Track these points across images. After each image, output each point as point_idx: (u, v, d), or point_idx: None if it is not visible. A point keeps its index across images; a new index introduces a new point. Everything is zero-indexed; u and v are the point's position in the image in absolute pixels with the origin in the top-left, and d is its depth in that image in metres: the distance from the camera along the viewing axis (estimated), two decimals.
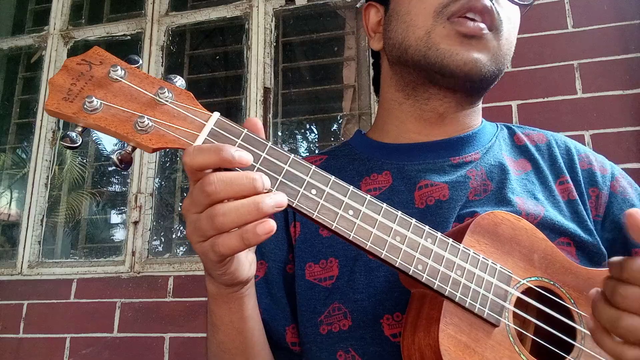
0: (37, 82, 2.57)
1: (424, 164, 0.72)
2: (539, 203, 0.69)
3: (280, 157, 0.49)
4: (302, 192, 0.49)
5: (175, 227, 2.92)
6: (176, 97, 0.50)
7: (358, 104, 2.38)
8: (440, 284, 0.52)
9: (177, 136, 0.48)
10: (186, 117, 0.49)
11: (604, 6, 1.81)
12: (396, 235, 0.52)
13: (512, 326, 0.54)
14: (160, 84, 0.50)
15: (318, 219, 0.49)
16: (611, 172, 0.75)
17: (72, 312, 2.15)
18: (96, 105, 0.47)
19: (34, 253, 2.34)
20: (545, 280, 0.58)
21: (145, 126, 0.47)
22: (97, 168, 3.59)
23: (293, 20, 2.60)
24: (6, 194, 3.50)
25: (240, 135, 0.49)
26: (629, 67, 1.74)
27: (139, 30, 2.52)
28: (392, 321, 0.62)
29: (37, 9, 2.99)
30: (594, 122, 1.72)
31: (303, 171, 0.50)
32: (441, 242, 0.54)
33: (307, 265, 0.69)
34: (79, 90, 0.48)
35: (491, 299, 0.54)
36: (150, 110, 0.48)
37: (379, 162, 0.74)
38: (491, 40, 0.67)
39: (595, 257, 0.66)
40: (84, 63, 0.49)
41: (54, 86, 0.48)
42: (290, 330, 0.70)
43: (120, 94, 0.48)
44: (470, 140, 0.74)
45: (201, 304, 2.04)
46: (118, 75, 0.49)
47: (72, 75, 0.48)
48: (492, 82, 0.71)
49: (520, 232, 0.60)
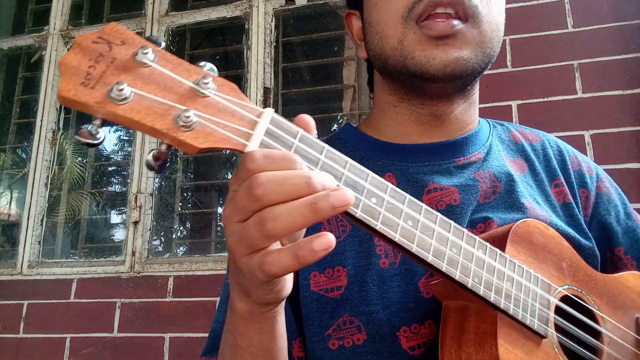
0: (37, 82, 2.57)
1: (429, 165, 0.68)
2: (542, 207, 0.69)
3: (338, 160, 0.43)
4: (364, 200, 0.43)
5: (175, 227, 2.92)
6: (219, 88, 0.41)
7: (358, 104, 2.38)
8: (496, 296, 0.50)
9: (228, 134, 0.40)
10: (234, 112, 0.40)
11: (604, 6, 1.81)
12: (453, 246, 0.48)
13: (556, 336, 0.54)
14: (198, 71, 0.41)
15: (381, 230, 0.44)
16: (596, 173, 0.75)
17: (72, 312, 2.15)
18: (126, 94, 0.37)
19: (34, 253, 2.34)
20: (574, 288, 0.59)
21: (188, 121, 0.38)
22: (97, 168, 3.59)
23: (293, 20, 2.61)
24: (6, 194, 3.50)
25: (297, 136, 0.42)
26: (629, 67, 1.74)
27: (139, 30, 2.52)
28: (409, 333, 0.59)
29: (37, 9, 2.99)
30: (594, 122, 1.72)
31: (362, 175, 0.44)
32: (491, 252, 0.51)
33: (311, 274, 0.64)
34: (101, 74, 0.38)
35: (538, 309, 0.53)
36: (192, 103, 0.39)
37: (379, 162, 0.70)
38: (469, 31, 0.62)
39: (590, 259, 0.66)
40: (101, 42, 0.39)
41: (67, 67, 0.37)
42: (297, 345, 0.65)
43: (152, 82, 0.39)
44: (471, 139, 0.72)
45: (201, 304, 2.04)
46: (148, 58, 0.39)
47: (88, 56, 0.38)
48: (483, 71, 0.67)
49: (549, 240, 0.59)
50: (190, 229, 5.13)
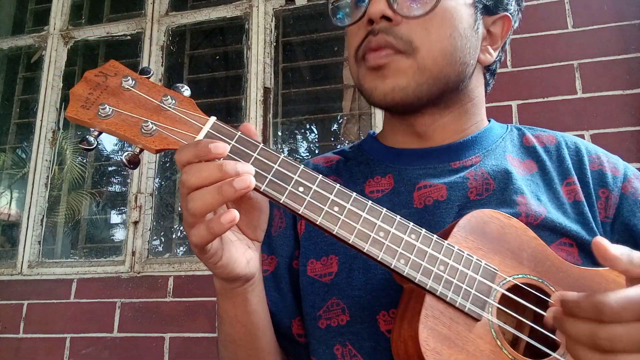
0: (37, 82, 2.57)
1: (425, 168, 0.74)
2: (542, 204, 0.69)
3: (271, 157, 0.54)
4: (290, 189, 0.53)
5: (175, 227, 2.92)
6: (179, 103, 0.55)
7: (358, 104, 2.38)
8: (422, 278, 0.54)
9: (178, 139, 0.54)
10: (186, 122, 0.55)
11: (604, 6, 1.81)
12: (380, 230, 0.54)
13: (495, 321, 0.55)
14: (164, 92, 0.55)
15: (304, 214, 0.53)
16: (624, 173, 0.74)
17: (72, 312, 2.16)
18: (108, 112, 0.54)
19: (34, 253, 2.34)
20: (532, 277, 0.59)
21: (149, 130, 0.53)
22: (97, 168, 3.59)
23: (293, 20, 2.61)
24: (6, 194, 3.50)
25: (234, 137, 0.54)
26: (629, 67, 1.74)
27: (139, 30, 2.52)
28: (387, 317, 0.65)
29: (37, 9, 2.99)
30: (594, 122, 1.72)
31: (292, 170, 0.54)
32: (425, 238, 0.56)
33: (309, 261, 0.72)
34: (95, 98, 0.55)
35: (473, 294, 0.55)
36: (155, 116, 0.54)
37: (384, 165, 0.77)
38: (402, 61, 0.68)
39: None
40: (100, 75, 0.56)
41: (74, 95, 0.55)
42: (297, 323, 0.73)
43: (130, 102, 0.55)
44: (470, 144, 0.75)
45: (201, 304, 2.04)
46: (129, 84, 0.55)
47: (90, 86, 0.56)
48: (436, 95, 0.71)
49: (509, 230, 0.60)
50: None
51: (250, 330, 0.65)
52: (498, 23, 0.76)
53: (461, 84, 0.73)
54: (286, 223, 0.77)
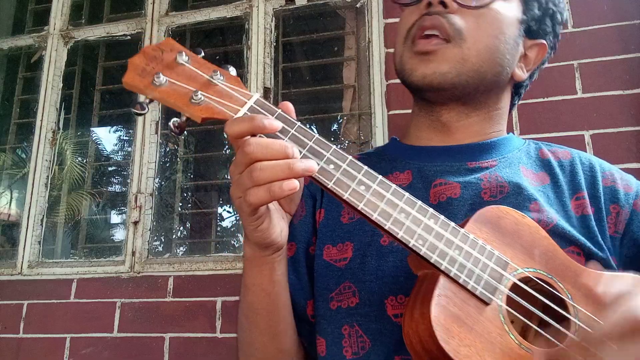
0: (37, 82, 2.57)
1: (442, 165, 0.77)
2: (553, 213, 0.71)
3: (306, 135, 0.58)
4: (322, 165, 0.57)
5: (175, 227, 2.92)
6: (227, 79, 0.60)
7: (358, 104, 2.38)
8: (437, 259, 0.57)
9: (223, 109, 0.58)
10: (232, 96, 0.59)
11: (604, 6, 1.81)
12: (402, 212, 0.57)
13: (504, 307, 0.57)
14: (214, 68, 0.60)
15: (333, 189, 0.56)
16: (636, 191, 0.76)
17: (72, 312, 2.15)
18: (162, 81, 0.58)
19: (34, 253, 2.34)
20: (543, 273, 0.60)
21: (198, 99, 0.57)
22: (97, 168, 3.59)
23: (293, 20, 2.61)
24: (6, 194, 3.50)
25: (275, 114, 0.58)
26: (629, 67, 1.74)
27: (139, 30, 2.52)
28: (395, 302, 0.68)
29: (37, 9, 2.99)
30: (594, 122, 1.72)
31: (325, 148, 0.58)
32: (443, 224, 0.59)
33: (325, 247, 0.76)
34: (151, 69, 0.59)
35: (486, 278, 0.58)
36: (205, 88, 0.58)
37: (403, 162, 0.81)
38: (449, 50, 0.73)
39: (605, 269, 0.67)
40: (157, 50, 0.60)
41: (132, 65, 0.59)
42: (311, 304, 0.77)
43: (183, 74, 0.59)
44: (489, 147, 0.79)
45: (201, 304, 2.04)
46: (183, 60, 0.59)
47: (147, 58, 0.60)
48: (470, 89, 0.75)
49: (522, 227, 0.63)
50: (190, 229, 5.14)
51: (273, 300, 0.69)
52: (534, 48, 0.81)
53: (495, 86, 0.77)
54: (306, 211, 0.81)
